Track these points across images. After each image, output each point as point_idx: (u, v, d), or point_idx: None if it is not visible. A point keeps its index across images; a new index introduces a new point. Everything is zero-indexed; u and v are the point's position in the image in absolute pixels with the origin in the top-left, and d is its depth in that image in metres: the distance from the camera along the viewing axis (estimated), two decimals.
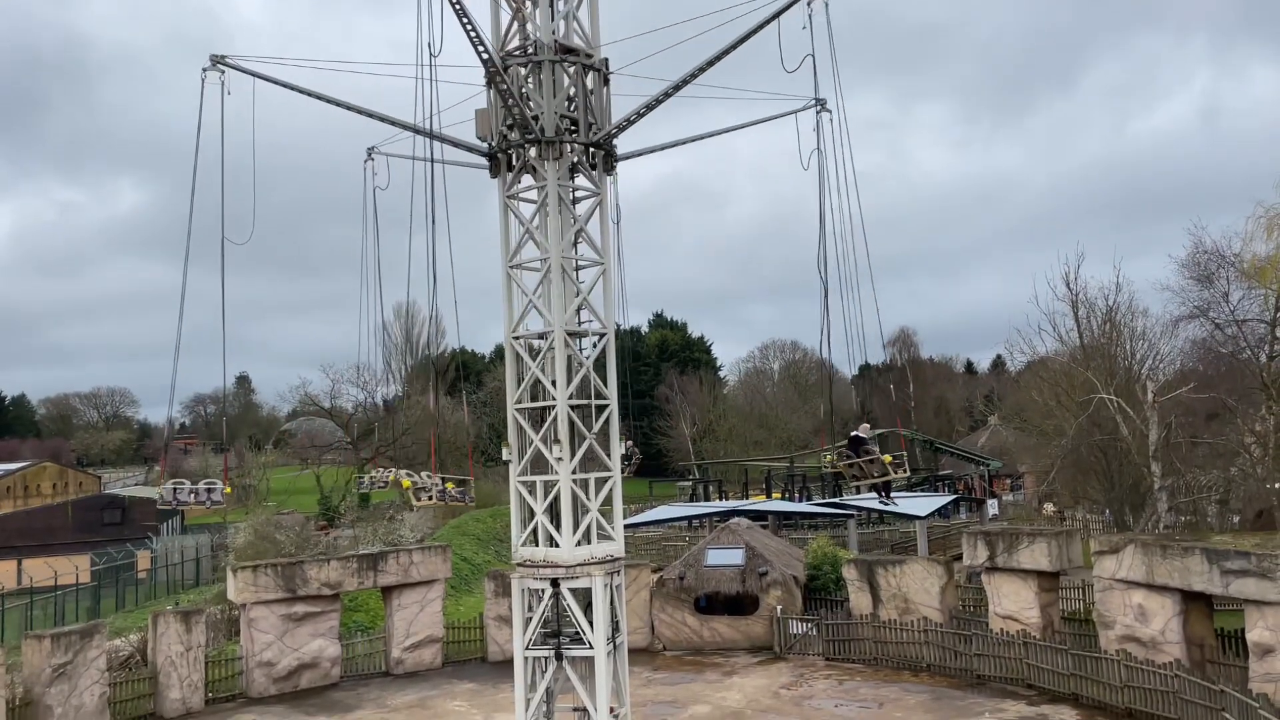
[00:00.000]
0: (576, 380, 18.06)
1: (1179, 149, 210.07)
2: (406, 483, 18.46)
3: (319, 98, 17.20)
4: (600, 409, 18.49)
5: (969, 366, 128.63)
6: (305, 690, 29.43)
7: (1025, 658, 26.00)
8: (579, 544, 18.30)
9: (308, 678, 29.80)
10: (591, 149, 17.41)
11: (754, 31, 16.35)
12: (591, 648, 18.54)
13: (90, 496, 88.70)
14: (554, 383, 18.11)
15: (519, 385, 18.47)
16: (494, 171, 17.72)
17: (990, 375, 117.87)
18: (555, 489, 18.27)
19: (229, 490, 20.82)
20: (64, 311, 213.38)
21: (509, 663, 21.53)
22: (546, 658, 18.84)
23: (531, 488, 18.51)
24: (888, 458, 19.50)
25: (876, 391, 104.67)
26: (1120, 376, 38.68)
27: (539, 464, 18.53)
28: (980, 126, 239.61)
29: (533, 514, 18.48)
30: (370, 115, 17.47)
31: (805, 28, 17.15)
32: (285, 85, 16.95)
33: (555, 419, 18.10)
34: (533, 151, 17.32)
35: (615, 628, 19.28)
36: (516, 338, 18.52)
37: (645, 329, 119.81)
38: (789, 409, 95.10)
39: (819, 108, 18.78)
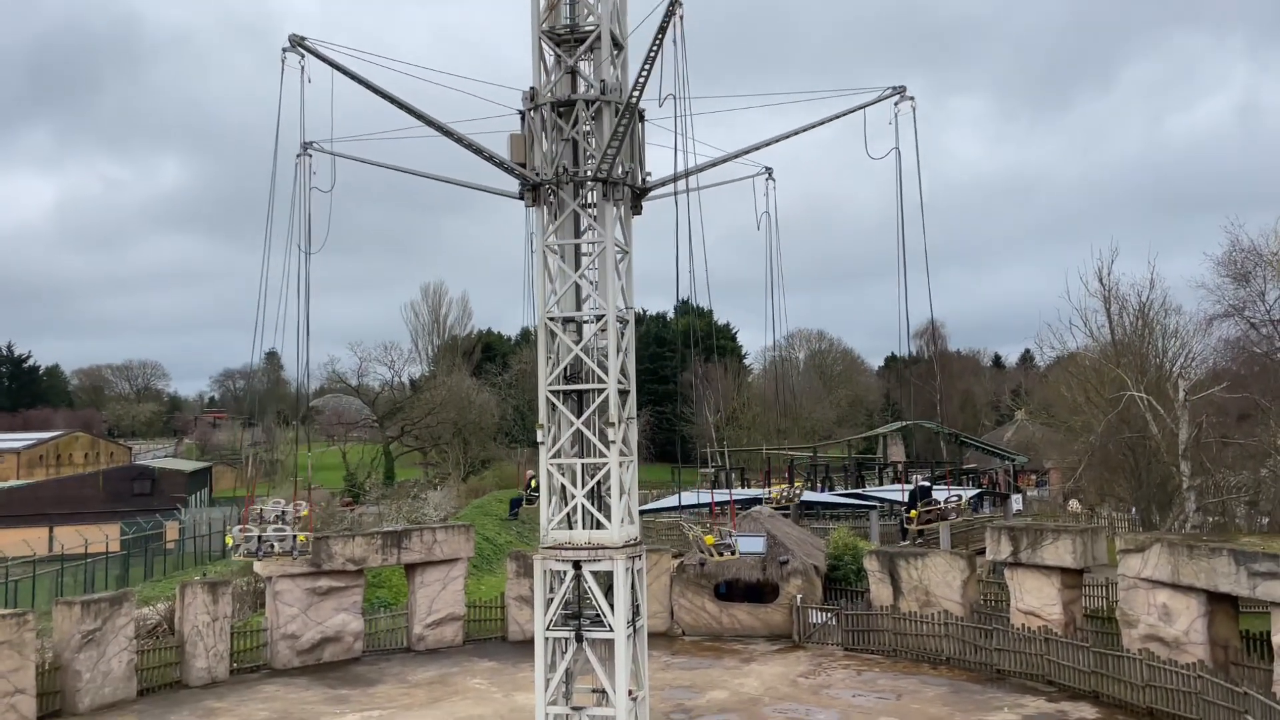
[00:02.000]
0: (618, 362, 18.24)
1: (1216, 147, 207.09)
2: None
3: (404, 107, 16.92)
4: (624, 394, 18.66)
5: (997, 360, 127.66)
6: (328, 663, 29.82)
7: (1046, 654, 25.87)
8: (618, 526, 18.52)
9: (330, 651, 30.19)
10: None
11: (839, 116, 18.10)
12: (612, 630, 18.66)
13: (121, 467, 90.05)
14: (600, 365, 18.32)
15: (550, 366, 18.57)
16: (533, 200, 18.31)
17: (1018, 370, 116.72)
18: (603, 471, 18.40)
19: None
20: (101, 285, 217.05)
21: (529, 642, 21.72)
22: (567, 639, 18.98)
23: (565, 469, 18.62)
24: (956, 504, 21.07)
25: (903, 384, 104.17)
26: (1151, 374, 38.25)
27: (576, 446, 18.68)
28: (1017, 121, 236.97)
29: (564, 496, 18.62)
30: (470, 147, 17.45)
31: (891, 123, 18.29)
32: (364, 83, 16.67)
33: (606, 400, 18.26)
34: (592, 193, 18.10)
35: (635, 611, 19.38)
36: (551, 318, 18.60)
37: (671, 315, 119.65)
38: (814, 398, 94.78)
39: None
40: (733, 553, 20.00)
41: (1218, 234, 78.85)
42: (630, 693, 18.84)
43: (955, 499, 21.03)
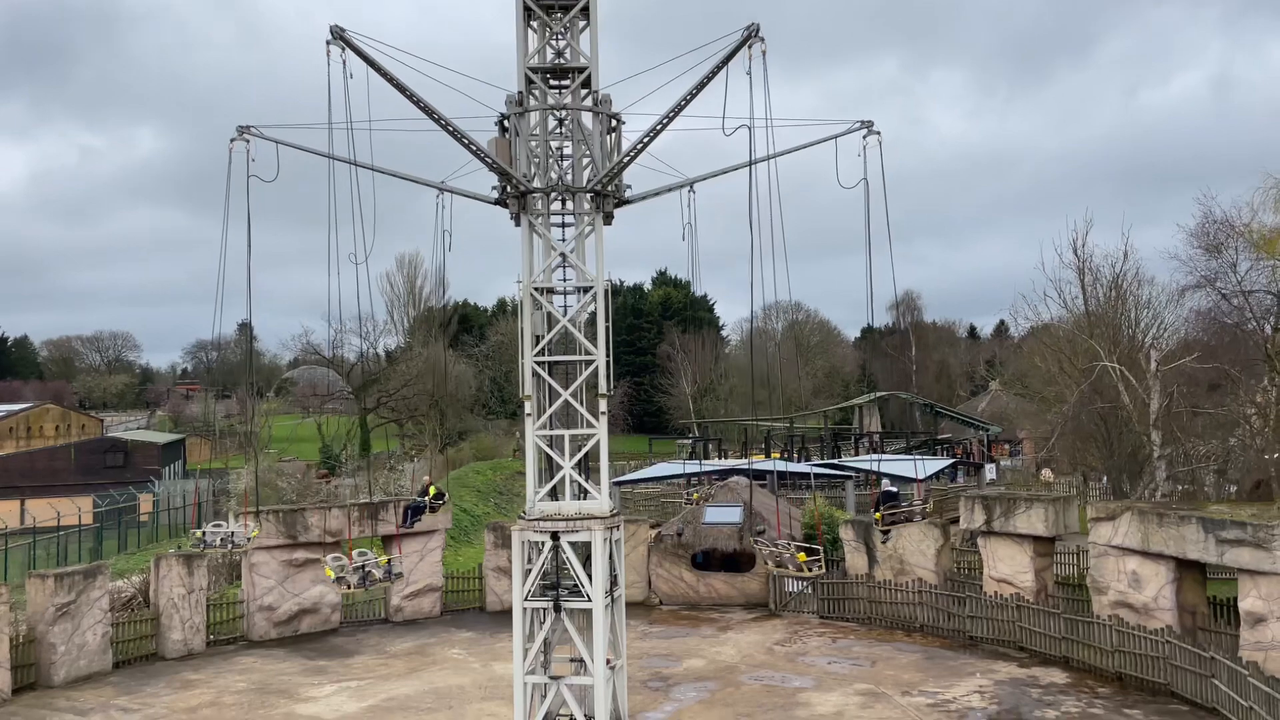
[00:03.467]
0: (604, 332, 18.35)
1: (1190, 120, 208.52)
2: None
3: (426, 109, 16.73)
4: (587, 363, 18.80)
5: (972, 331, 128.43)
6: (305, 635, 29.80)
7: (1018, 620, 26.26)
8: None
9: (308, 622, 30.17)
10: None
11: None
12: (590, 600, 18.74)
13: (93, 439, 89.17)
14: (589, 337, 18.38)
15: (537, 337, 18.55)
16: (521, 207, 18.33)
17: (993, 340, 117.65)
18: (592, 441, 18.48)
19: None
20: (74, 255, 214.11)
21: (507, 613, 21.77)
22: (545, 609, 19.05)
23: (552, 441, 18.65)
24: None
25: (878, 354, 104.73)
26: (1124, 345, 38.61)
27: (562, 417, 18.73)
28: (995, 94, 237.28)
29: (550, 467, 18.68)
30: (479, 154, 17.35)
31: (860, 154, 18.37)
32: (395, 83, 16.36)
33: (594, 372, 18.28)
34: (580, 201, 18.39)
35: (614, 581, 19.47)
36: (537, 289, 18.53)
37: (648, 286, 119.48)
38: (791, 369, 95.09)
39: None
40: (821, 567, 20.25)
41: (1191, 206, 79.47)
42: (608, 662, 18.96)
43: (920, 503, 22.07)
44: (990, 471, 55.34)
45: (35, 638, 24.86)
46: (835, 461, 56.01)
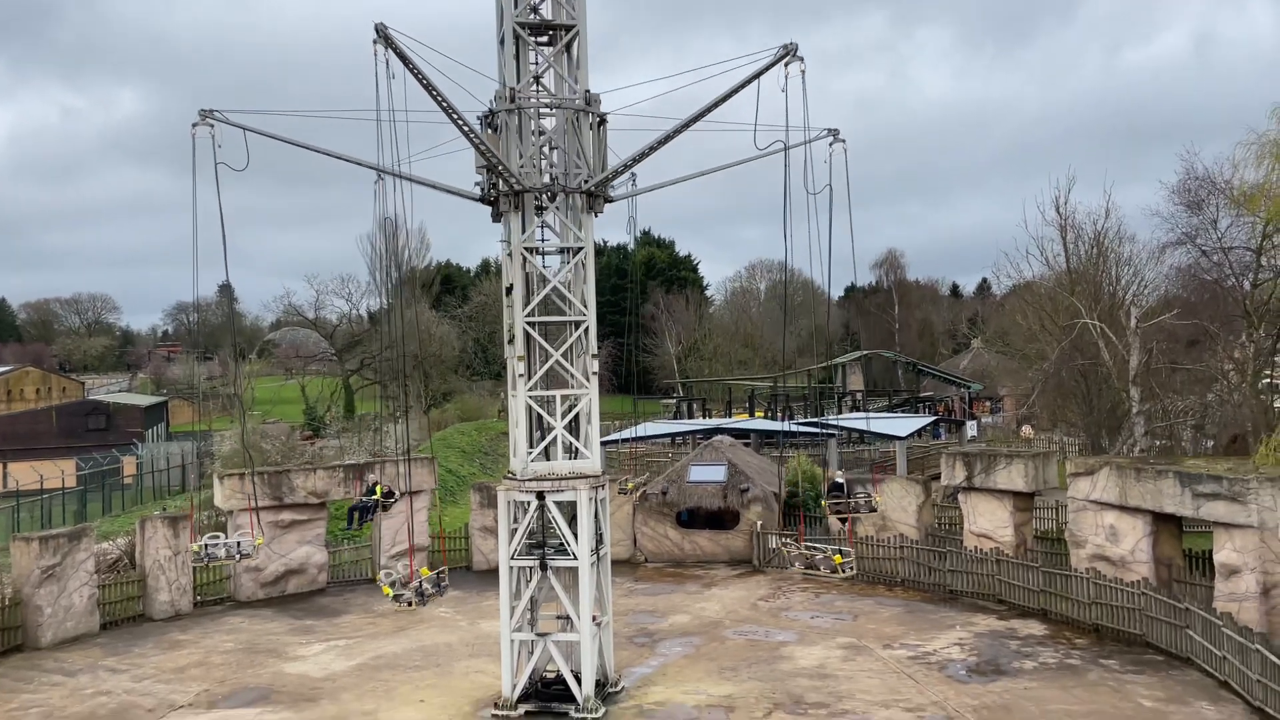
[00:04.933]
0: (590, 293, 18.50)
1: (1173, 77, 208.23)
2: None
3: (459, 126, 16.62)
4: (577, 324, 18.90)
5: (954, 289, 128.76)
6: (292, 595, 29.95)
7: (997, 574, 26.66)
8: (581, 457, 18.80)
9: (295, 583, 30.30)
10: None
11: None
12: (576, 559, 18.91)
13: (75, 402, 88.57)
14: (581, 298, 18.45)
15: (528, 298, 18.58)
16: (506, 206, 18.36)
17: (975, 299, 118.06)
18: (583, 403, 18.59)
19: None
20: (53, 216, 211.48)
21: (493, 572, 21.95)
22: (532, 568, 19.22)
23: (543, 402, 18.72)
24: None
25: (861, 313, 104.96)
26: (1104, 302, 38.89)
27: (552, 378, 18.84)
28: (981, 53, 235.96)
29: (543, 428, 18.81)
30: (485, 154, 17.16)
31: (826, 161, 18.48)
32: (430, 87, 16.12)
33: (584, 333, 18.37)
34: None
35: (599, 540, 19.64)
36: (529, 249, 18.51)
37: (632, 246, 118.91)
38: (774, 329, 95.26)
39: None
40: (854, 568, 20.39)
41: (1174, 163, 79.73)
42: (594, 618, 19.19)
43: (866, 496, 23.46)
44: (971, 429, 55.80)
45: (21, 600, 24.87)
46: (818, 420, 56.30)
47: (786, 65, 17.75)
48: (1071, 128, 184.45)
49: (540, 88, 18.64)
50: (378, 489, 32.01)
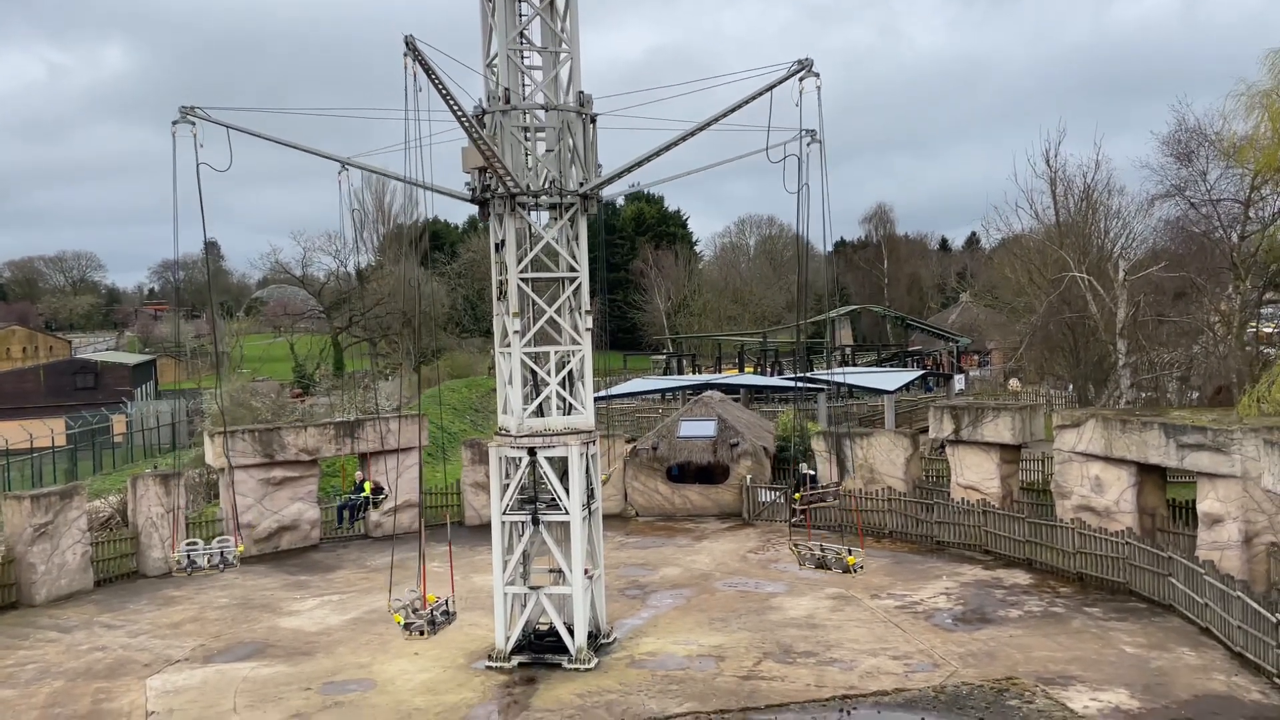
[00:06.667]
0: (578, 252, 18.54)
1: (1164, 29, 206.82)
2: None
3: (472, 137, 16.54)
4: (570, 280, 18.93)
5: (943, 243, 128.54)
6: (286, 551, 30.14)
7: (983, 525, 27.00)
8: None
9: (288, 539, 30.48)
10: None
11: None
12: (567, 514, 19.07)
13: (62, 361, 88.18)
14: (572, 255, 18.44)
15: (521, 254, 18.55)
16: (494, 210, 18.42)
17: (964, 253, 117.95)
18: (577, 358, 18.67)
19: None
20: (37, 174, 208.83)
21: (486, 526, 22.09)
22: (524, 522, 19.39)
23: (537, 358, 18.78)
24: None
25: (851, 267, 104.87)
26: (1093, 255, 38.94)
27: (542, 335, 18.94)
28: (973, 5, 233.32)
29: (535, 383, 18.90)
30: (488, 156, 17.05)
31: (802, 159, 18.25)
32: (449, 100, 15.89)
33: (578, 289, 18.40)
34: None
35: (590, 495, 19.79)
36: (522, 204, 18.46)
37: (621, 202, 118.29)
38: (764, 284, 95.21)
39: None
40: (862, 566, 20.25)
41: (1165, 114, 79.43)
42: (586, 572, 19.40)
43: (834, 486, 24.57)
44: (959, 382, 56.08)
45: (14, 558, 24.99)
46: (808, 375, 56.51)
47: (801, 80, 17.57)
48: (1063, 80, 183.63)
49: (530, 81, 18.56)
50: (366, 486, 32.13)
